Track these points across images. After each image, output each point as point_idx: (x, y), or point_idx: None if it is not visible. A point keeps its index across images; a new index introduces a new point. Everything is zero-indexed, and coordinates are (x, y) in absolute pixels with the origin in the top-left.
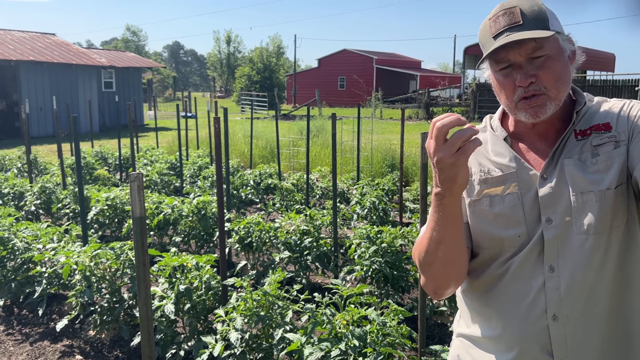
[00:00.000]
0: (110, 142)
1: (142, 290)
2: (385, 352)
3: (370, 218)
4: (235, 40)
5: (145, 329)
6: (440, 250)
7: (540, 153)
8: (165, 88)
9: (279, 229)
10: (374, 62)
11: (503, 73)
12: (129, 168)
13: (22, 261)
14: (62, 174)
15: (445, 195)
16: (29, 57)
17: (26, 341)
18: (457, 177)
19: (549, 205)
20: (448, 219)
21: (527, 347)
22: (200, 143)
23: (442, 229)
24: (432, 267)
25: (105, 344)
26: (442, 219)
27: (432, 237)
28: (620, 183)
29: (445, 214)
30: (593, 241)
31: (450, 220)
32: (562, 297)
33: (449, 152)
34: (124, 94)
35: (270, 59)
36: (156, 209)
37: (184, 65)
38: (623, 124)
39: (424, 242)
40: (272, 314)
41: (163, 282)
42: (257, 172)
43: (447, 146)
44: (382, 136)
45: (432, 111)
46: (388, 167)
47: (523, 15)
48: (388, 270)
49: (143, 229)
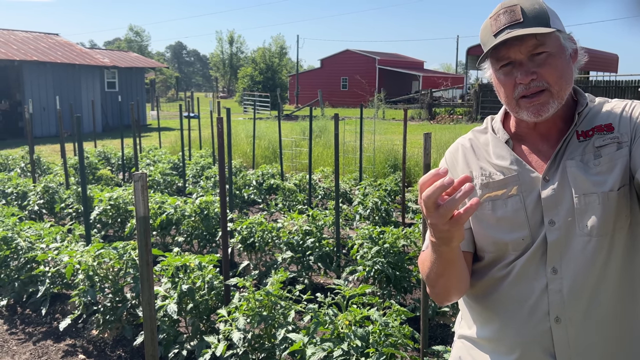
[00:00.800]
0: (113, 142)
1: (146, 290)
2: (388, 352)
3: (373, 218)
4: (237, 41)
5: (149, 329)
6: (440, 281)
7: (542, 155)
8: (168, 88)
9: (282, 229)
10: (377, 63)
11: (504, 71)
12: (131, 168)
13: (25, 261)
14: (65, 173)
15: (442, 247)
16: (32, 57)
17: (29, 340)
18: (453, 239)
19: (552, 207)
20: (446, 262)
21: (529, 349)
22: (202, 143)
23: (441, 266)
24: (435, 288)
25: (108, 343)
26: (439, 260)
27: (432, 269)
28: (623, 184)
29: (443, 258)
30: (596, 243)
31: (448, 262)
32: (565, 299)
33: (442, 221)
34: (127, 94)
35: (272, 59)
36: (159, 209)
37: (186, 65)
38: (625, 125)
39: (425, 265)
40: (275, 314)
41: (166, 282)
42: (260, 173)
43: (440, 215)
44: (385, 137)
45: (435, 112)
46: (390, 168)
47: (524, 13)
48: (390, 271)
49: (147, 228)
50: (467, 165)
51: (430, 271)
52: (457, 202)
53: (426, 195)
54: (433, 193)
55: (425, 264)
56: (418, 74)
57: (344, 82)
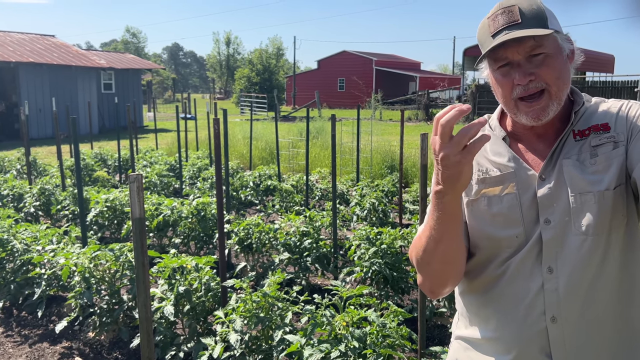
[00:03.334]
0: (110, 144)
1: (142, 292)
2: (385, 353)
3: (370, 219)
4: (234, 42)
5: (145, 331)
6: (439, 249)
7: (538, 153)
8: (164, 90)
9: (279, 230)
10: (374, 64)
11: (501, 72)
12: (128, 169)
13: (21, 263)
14: (62, 175)
15: (447, 193)
16: (28, 58)
17: (25, 343)
18: (462, 175)
19: (548, 205)
20: (448, 217)
21: (526, 349)
22: (199, 144)
23: (442, 227)
24: (430, 266)
25: (105, 345)
26: (442, 217)
27: (431, 235)
28: (619, 184)
29: (446, 212)
30: (592, 242)
31: (450, 218)
32: (561, 298)
33: (455, 150)
34: (124, 95)
35: (269, 60)
36: (156, 210)
37: (183, 66)
38: (622, 124)
39: (422, 241)
40: (272, 315)
41: (162, 284)
42: (257, 174)
43: (453, 144)
44: (382, 137)
45: (432, 112)
46: (388, 169)
47: (522, 14)
48: (388, 272)
49: (142, 230)
50: None
51: (429, 239)
52: (473, 129)
53: (445, 120)
54: (453, 117)
55: (423, 235)
56: (415, 74)
57: (341, 83)
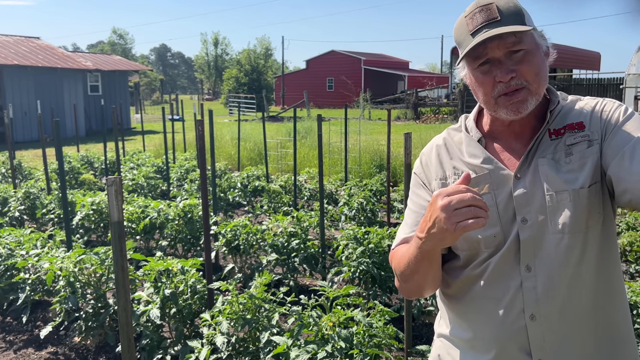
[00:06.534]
0: (97, 146)
1: (122, 296)
2: (372, 353)
3: (358, 219)
4: (222, 43)
5: (125, 335)
6: (414, 278)
7: (515, 153)
8: (152, 91)
9: (266, 231)
10: (362, 63)
11: (482, 70)
12: (115, 172)
13: (5, 268)
14: (47, 179)
15: (426, 246)
16: (12, 61)
17: (10, 349)
18: (444, 241)
19: (524, 205)
20: (425, 259)
21: (506, 347)
22: (187, 146)
23: (419, 264)
24: (407, 284)
25: (91, 350)
26: (419, 257)
27: (409, 264)
28: (594, 182)
29: (423, 255)
30: (569, 240)
31: (428, 260)
32: (539, 296)
33: (453, 220)
34: (111, 97)
35: (258, 60)
36: (142, 213)
37: (171, 67)
38: (596, 122)
39: (401, 261)
40: (259, 317)
41: (149, 287)
42: (245, 175)
43: (456, 215)
44: (371, 137)
45: (421, 111)
46: (376, 168)
47: (500, 12)
48: (375, 271)
49: (122, 233)
50: (440, 165)
51: (407, 267)
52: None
53: (464, 225)
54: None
55: (402, 260)
56: (403, 74)
57: (330, 83)
